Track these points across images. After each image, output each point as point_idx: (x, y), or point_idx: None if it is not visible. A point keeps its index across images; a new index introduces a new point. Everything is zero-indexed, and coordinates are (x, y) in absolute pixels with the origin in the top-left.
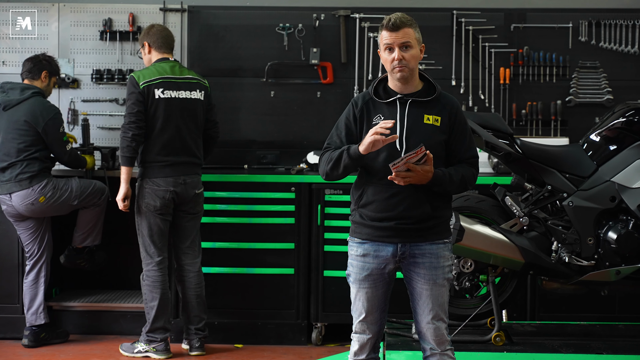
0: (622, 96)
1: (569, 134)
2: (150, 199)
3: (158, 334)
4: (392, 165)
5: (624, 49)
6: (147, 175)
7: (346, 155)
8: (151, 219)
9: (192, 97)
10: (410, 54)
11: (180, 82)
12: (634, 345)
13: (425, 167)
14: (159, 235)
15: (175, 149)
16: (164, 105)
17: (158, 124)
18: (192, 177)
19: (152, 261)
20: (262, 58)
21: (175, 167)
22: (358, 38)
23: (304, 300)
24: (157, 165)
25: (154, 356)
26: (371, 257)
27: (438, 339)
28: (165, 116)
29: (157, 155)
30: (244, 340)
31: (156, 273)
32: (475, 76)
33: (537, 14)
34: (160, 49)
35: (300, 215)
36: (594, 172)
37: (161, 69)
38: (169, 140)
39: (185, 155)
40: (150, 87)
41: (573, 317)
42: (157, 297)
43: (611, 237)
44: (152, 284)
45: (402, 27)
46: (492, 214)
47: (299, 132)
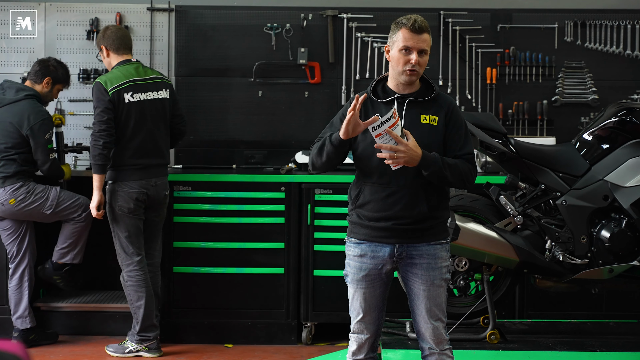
0: (607, 96)
1: (555, 134)
2: (123, 201)
3: (150, 332)
4: (372, 129)
5: (609, 49)
6: (120, 178)
7: (328, 142)
8: (127, 221)
9: (160, 97)
10: (424, 60)
11: (147, 83)
12: (627, 342)
13: (411, 142)
14: (136, 235)
15: (147, 152)
16: (135, 109)
17: (130, 128)
18: (162, 178)
19: (132, 261)
20: (249, 58)
21: (147, 170)
22: (346, 38)
23: (294, 299)
24: (131, 168)
25: (147, 355)
26: (368, 258)
27: (436, 338)
28: (136, 120)
29: (129, 159)
30: (234, 340)
31: (138, 272)
32: (462, 76)
33: (523, 15)
34: (118, 51)
35: (290, 215)
36: (587, 171)
37: (127, 72)
38: (141, 144)
39: (156, 158)
40: (119, 92)
41: (562, 315)
42: (142, 296)
43: (604, 235)
44: (137, 283)
45: (425, 31)
46: (486, 213)
47: (287, 131)
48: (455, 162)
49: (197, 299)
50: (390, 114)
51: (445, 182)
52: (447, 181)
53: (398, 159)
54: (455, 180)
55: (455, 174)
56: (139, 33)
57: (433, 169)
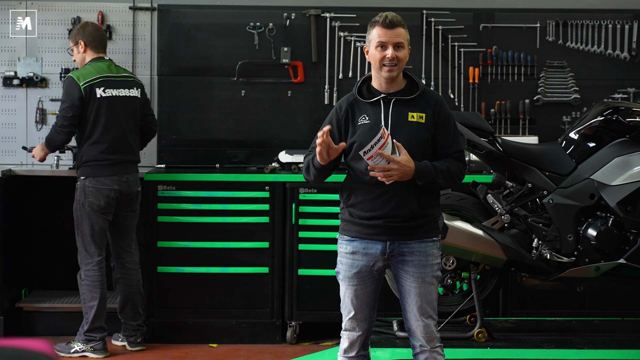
0: (588, 95)
1: (537, 133)
2: (94, 197)
3: (97, 333)
4: (363, 154)
5: (590, 48)
6: (91, 174)
7: (312, 165)
8: (93, 219)
9: (131, 95)
10: (402, 54)
11: (119, 80)
12: (612, 340)
13: (403, 157)
14: (100, 234)
15: (119, 148)
16: (107, 104)
17: (101, 123)
18: (133, 175)
19: (92, 260)
20: (232, 57)
21: (119, 166)
22: (329, 37)
23: (279, 299)
24: (102, 164)
25: (92, 355)
26: (360, 255)
27: (427, 336)
28: (108, 115)
29: (101, 154)
30: (218, 340)
31: (96, 273)
32: (445, 75)
33: (505, 14)
34: (96, 48)
35: (274, 214)
36: (573, 170)
37: (99, 68)
38: (113, 139)
39: (128, 154)
40: (92, 86)
41: (545, 314)
42: (97, 297)
43: (591, 234)
44: (92, 283)
45: (397, 26)
46: (473, 211)
47: (270, 131)
48: (447, 165)
49: (181, 298)
50: (379, 135)
51: (437, 187)
52: (439, 186)
53: (391, 176)
54: (448, 183)
55: (448, 178)
56: (121, 32)
57: (426, 180)
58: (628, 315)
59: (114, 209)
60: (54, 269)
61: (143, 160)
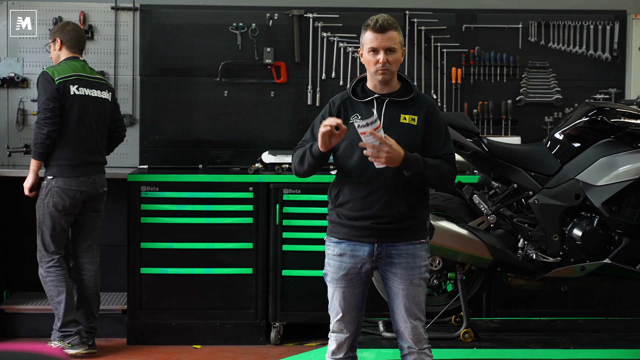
0: (570, 96)
1: (520, 133)
2: (59, 198)
3: (71, 327)
4: (357, 126)
5: (572, 49)
6: (58, 173)
7: (309, 153)
8: (56, 219)
9: (102, 97)
10: (394, 57)
11: (92, 81)
12: (597, 339)
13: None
14: (60, 235)
15: (87, 148)
16: (79, 102)
17: (72, 122)
18: (100, 176)
19: (52, 259)
20: (215, 57)
21: (87, 167)
22: (312, 38)
23: (263, 300)
24: (70, 164)
25: (71, 351)
26: (348, 257)
27: (416, 337)
28: (79, 113)
29: (70, 153)
30: (202, 341)
31: (57, 269)
32: (428, 76)
33: (487, 15)
34: (72, 48)
35: (258, 215)
36: (558, 170)
37: (73, 66)
38: (82, 139)
39: (95, 154)
40: (66, 83)
41: (529, 313)
42: (63, 291)
43: (576, 234)
44: (56, 278)
45: (389, 29)
46: (459, 212)
47: (253, 131)
48: (436, 162)
49: (165, 300)
50: (374, 118)
51: (426, 183)
52: (428, 182)
53: (380, 157)
54: (436, 181)
55: (436, 174)
56: (103, 32)
57: (414, 170)
58: (610, 315)
59: (78, 209)
60: (36, 270)
61: (125, 161)
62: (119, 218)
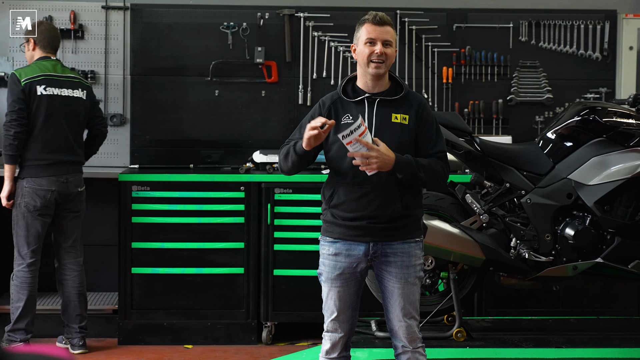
0: (561, 95)
1: (511, 132)
2: (30, 198)
3: (18, 335)
4: (341, 137)
5: (563, 48)
6: (28, 174)
7: (293, 151)
8: (29, 220)
9: (75, 96)
10: (390, 51)
11: (63, 80)
12: (590, 338)
13: (382, 146)
14: (34, 237)
15: (58, 147)
16: (46, 103)
17: (40, 122)
18: (74, 175)
19: (24, 262)
20: (206, 57)
21: (57, 166)
22: (303, 37)
23: (254, 299)
24: (40, 164)
25: None
26: (343, 256)
27: (410, 336)
28: (47, 113)
29: (39, 153)
30: (194, 341)
31: (25, 274)
32: (419, 75)
33: (478, 14)
34: (45, 48)
35: (249, 215)
36: (550, 169)
37: (43, 66)
38: (51, 138)
39: (67, 154)
40: (32, 83)
41: (520, 312)
42: (23, 299)
43: (568, 233)
44: (20, 284)
45: (386, 24)
46: (451, 211)
47: (244, 131)
48: (429, 162)
49: (156, 300)
50: (358, 123)
51: (420, 183)
52: (421, 182)
53: (371, 165)
54: (430, 180)
55: (429, 174)
56: (93, 31)
57: (407, 172)
58: (601, 314)
59: (55, 210)
60: None
61: (115, 160)
62: (110, 218)
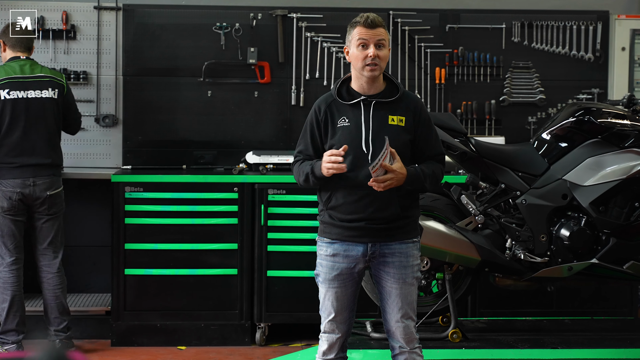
0: (553, 96)
1: (503, 133)
2: None
3: (10, 336)
4: (371, 169)
5: (555, 49)
6: None
7: (312, 176)
8: (0, 220)
9: (42, 97)
10: (383, 53)
11: (29, 81)
12: (585, 339)
13: (397, 165)
14: (9, 236)
15: (23, 151)
16: (10, 107)
17: (4, 126)
18: (43, 178)
19: (3, 262)
20: (198, 57)
21: (23, 169)
22: (295, 38)
23: (248, 300)
24: (6, 167)
25: None
26: (341, 257)
27: (407, 337)
28: (11, 117)
29: (5, 157)
30: (187, 342)
31: (7, 274)
32: (412, 76)
33: (471, 15)
34: (13, 47)
35: (243, 216)
36: (546, 170)
37: (10, 69)
38: (17, 142)
39: (35, 157)
40: None
41: (514, 313)
42: (7, 299)
43: (563, 234)
44: (3, 285)
45: (379, 25)
46: (447, 212)
47: (237, 132)
48: (432, 169)
49: (149, 301)
50: (385, 148)
51: (422, 190)
52: (424, 190)
53: (388, 185)
54: (432, 186)
55: (433, 181)
56: (85, 32)
57: (416, 185)
58: (595, 314)
59: (28, 212)
60: None
61: (108, 161)
62: (103, 219)
